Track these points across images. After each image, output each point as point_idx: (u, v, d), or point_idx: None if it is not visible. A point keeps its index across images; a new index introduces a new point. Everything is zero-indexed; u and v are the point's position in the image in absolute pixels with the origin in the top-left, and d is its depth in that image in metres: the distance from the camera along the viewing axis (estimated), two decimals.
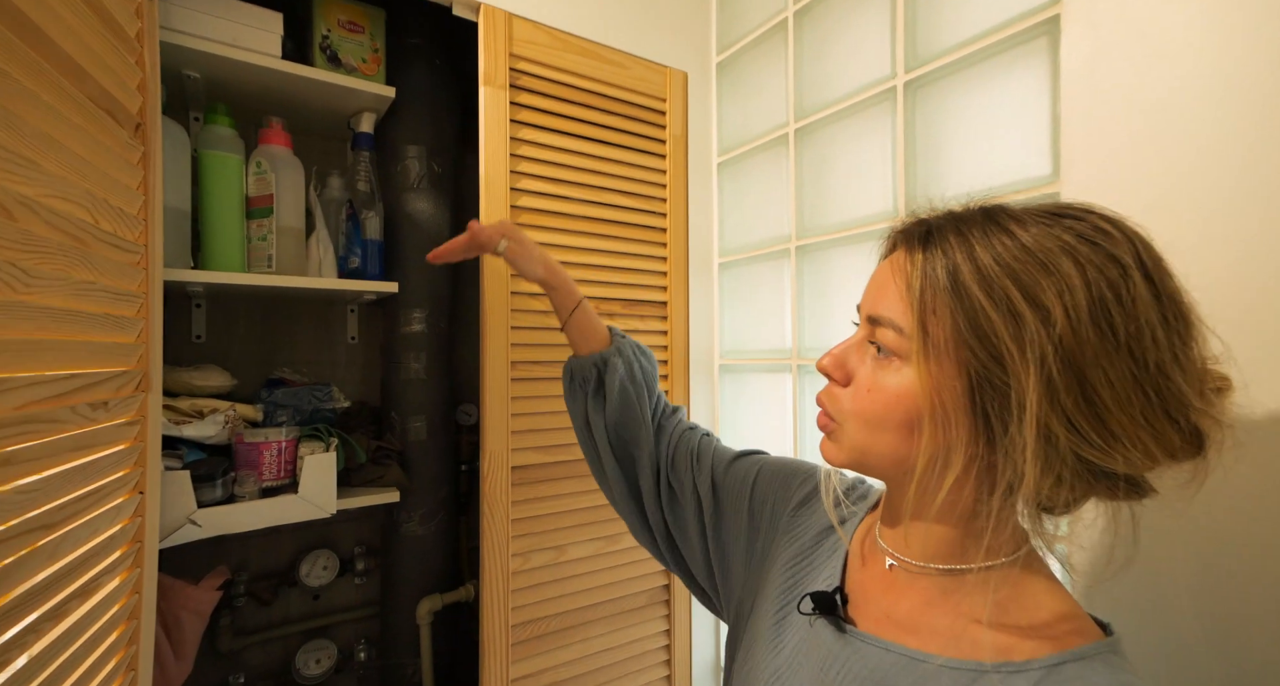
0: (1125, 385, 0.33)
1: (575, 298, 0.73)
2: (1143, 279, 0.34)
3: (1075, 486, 0.36)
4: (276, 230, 0.93)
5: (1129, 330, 0.33)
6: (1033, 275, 0.34)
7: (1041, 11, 0.68)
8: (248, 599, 1.09)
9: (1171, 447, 0.34)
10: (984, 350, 0.35)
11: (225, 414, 0.84)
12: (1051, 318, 0.33)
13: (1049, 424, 0.34)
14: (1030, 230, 0.36)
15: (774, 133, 1.07)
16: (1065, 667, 0.35)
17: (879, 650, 0.42)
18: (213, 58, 0.86)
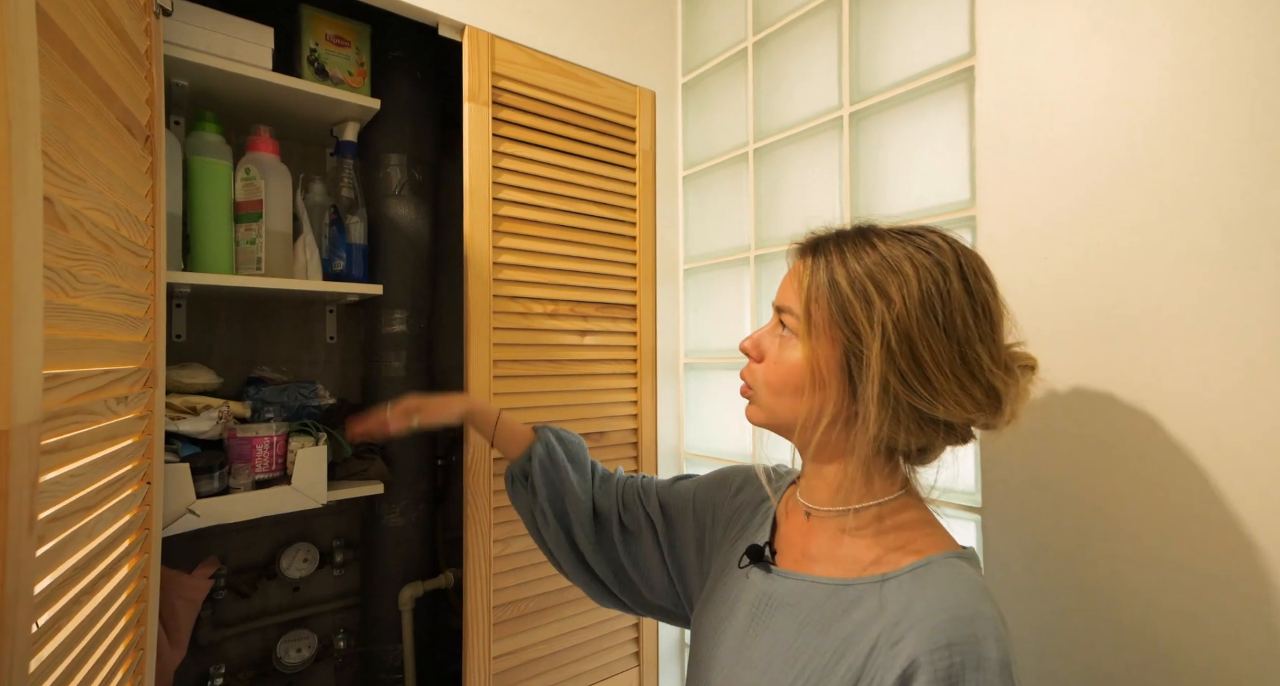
0: (942, 352, 0.46)
1: (492, 415, 0.81)
2: (959, 280, 0.48)
3: (916, 431, 0.49)
4: (265, 234, 0.97)
5: (946, 313, 0.47)
6: (884, 274, 0.48)
7: (960, 62, 0.80)
8: (228, 591, 1.12)
9: (975, 399, 0.47)
10: (848, 327, 0.49)
11: (218, 410, 0.88)
12: (892, 303, 0.47)
13: (887, 377, 0.47)
14: (887, 243, 0.50)
15: (735, 151, 1.17)
16: (920, 569, 0.47)
17: (793, 580, 0.53)
18: (205, 69, 0.90)
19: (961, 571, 0.47)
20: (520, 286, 1.07)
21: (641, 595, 0.75)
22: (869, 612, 0.47)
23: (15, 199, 0.38)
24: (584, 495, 0.76)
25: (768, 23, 1.10)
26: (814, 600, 0.51)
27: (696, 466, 1.29)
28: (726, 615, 0.57)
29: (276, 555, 1.17)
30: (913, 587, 0.46)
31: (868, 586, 0.48)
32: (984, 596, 0.45)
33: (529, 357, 1.08)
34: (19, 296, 0.39)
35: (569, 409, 1.14)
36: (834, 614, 0.49)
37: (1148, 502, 0.63)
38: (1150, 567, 0.63)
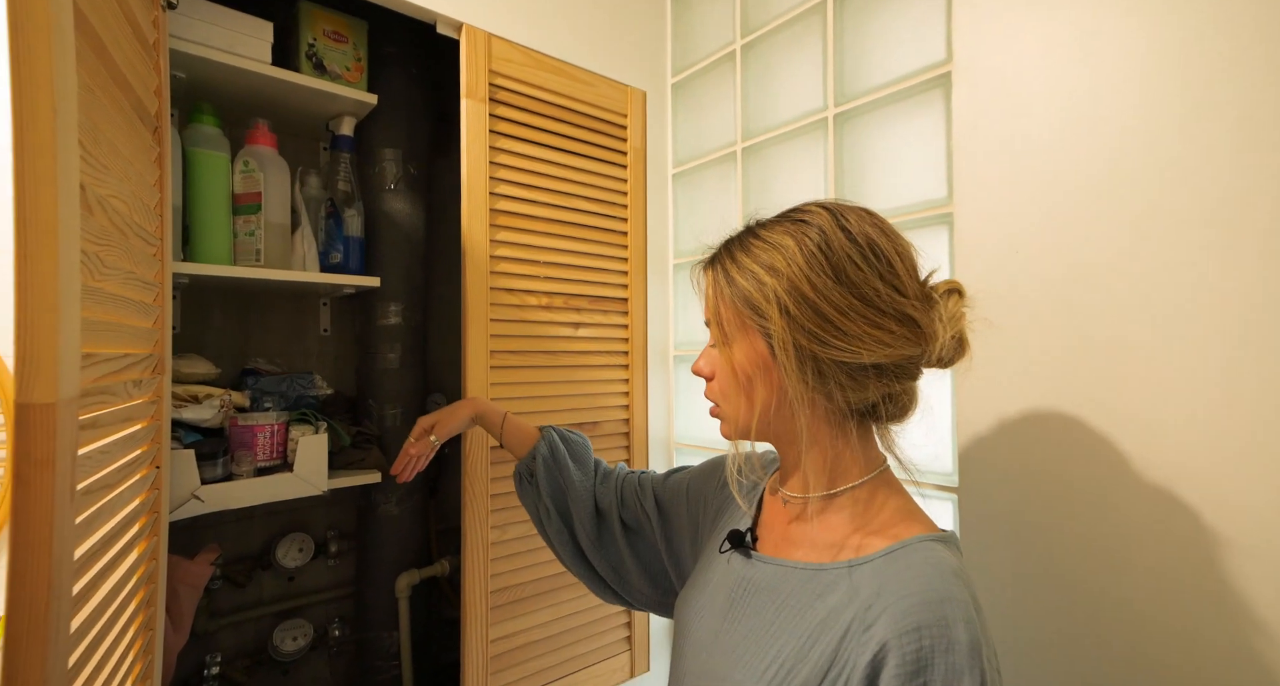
0: (840, 298, 0.48)
1: (499, 416, 0.87)
2: (838, 232, 0.49)
3: (850, 384, 0.49)
4: (265, 226, 0.98)
5: (834, 263, 0.48)
6: (768, 254, 0.50)
7: (937, 68, 0.85)
8: (223, 581, 1.13)
9: (893, 332, 0.48)
10: (752, 312, 0.51)
11: (220, 399, 0.89)
12: (779, 273, 0.49)
13: (796, 340, 0.48)
14: (769, 229, 0.52)
15: (724, 150, 1.21)
16: (894, 553, 0.48)
17: (771, 565, 0.54)
18: (205, 62, 0.91)
19: (935, 554, 0.47)
20: (516, 280, 1.10)
21: (643, 591, 0.76)
22: (842, 597, 0.47)
23: (59, 183, 0.41)
24: (585, 493, 0.79)
25: (756, 26, 1.14)
26: (790, 585, 0.51)
27: (686, 455, 1.32)
28: (707, 601, 0.58)
29: (272, 545, 1.18)
30: (886, 571, 0.46)
31: (841, 571, 0.49)
32: (955, 579, 0.45)
33: (524, 349, 1.11)
34: (63, 277, 0.41)
35: (563, 399, 1.16)
36: (809, 598, 0.49)
37: (1119, 481, 0.69)
38: (1123, 541, 0.68)
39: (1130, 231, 0.68)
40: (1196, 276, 0.63)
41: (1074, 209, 0.72)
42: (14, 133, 0.37)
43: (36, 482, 0.38)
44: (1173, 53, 0.65)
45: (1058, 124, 0.73)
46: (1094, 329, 0.70)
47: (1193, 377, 0.63)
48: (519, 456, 0.84)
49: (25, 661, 0.37)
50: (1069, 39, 0.72)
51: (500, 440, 0.86)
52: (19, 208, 0.37)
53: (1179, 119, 0.65)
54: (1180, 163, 0.64)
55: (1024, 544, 0.75)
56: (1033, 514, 0.75)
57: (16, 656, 0.37)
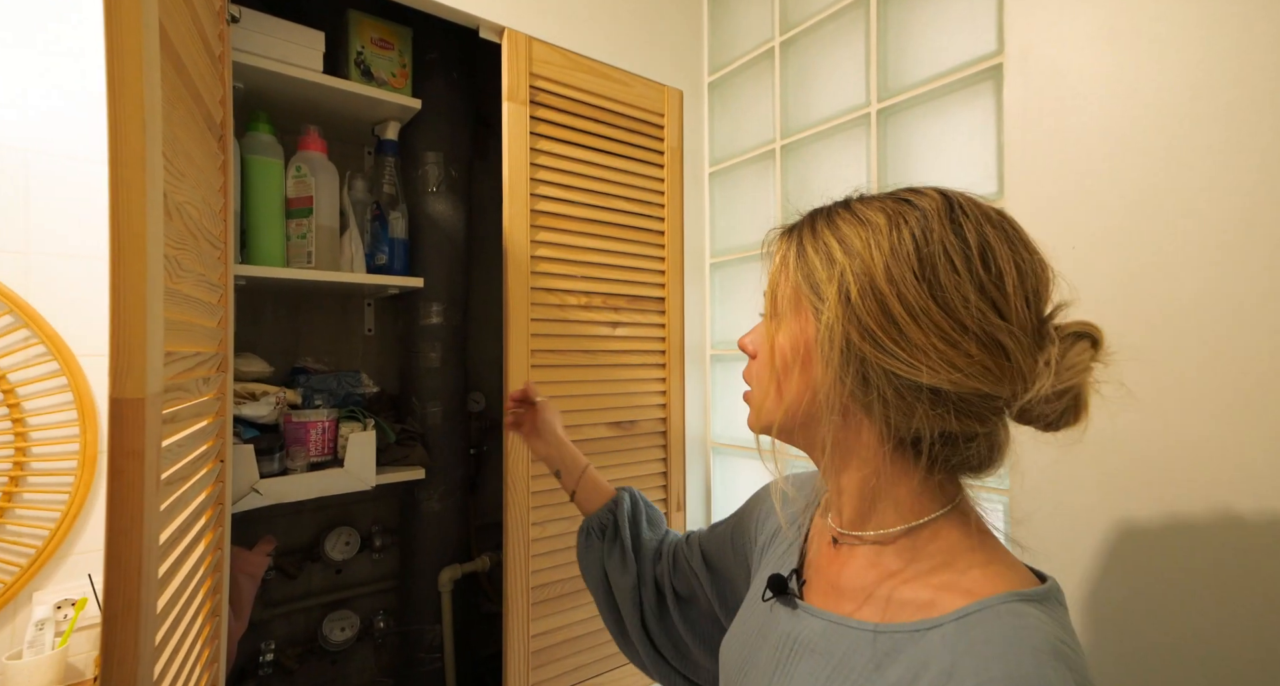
0: (916, 299, 0.38)
1: (580, 463, 0.76)
2: (944, 222, 0.40)
3: (896, 402, 0.39)
4: (316, 229, 1.02)
5: (921, 256, 0.39)
6: (852, 229, 0.41)
7: (988, 59, 0.83)
8: (276, 572, 1.17)
9: (970, 356, 0.38)
10: (811, 290, 0.42)
11: (275, 396, 0.92)
12: (853, 252, 0.40)
13: (847, 333, 0.39)
14: (866, 203, 0.43)
15: (762, 148, 1.21)
16: (970, 618, 0.36)
17: (821, 621, 0.44)
18: (262, 72, 0.94)
19: (1025, 622, 0.35)
20: (556, 279, 1.11)
21: (707, 668, 0.66)
22: (906, 671, 0.37)
23: (148, 192, 0.43)
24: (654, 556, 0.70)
25: (795, 23, 1.14)
26: (843, 648, 0.41)
27: (722, 455, 1.32)
28: (750, 656, 0.49)
29: (320, 538, 1.22)
30: (959, 643, 0.36)
31: (905, 636, 0.38)
32: (1054, 660, 0.33)
33: (564, 348, 1.12)
34: (151, 279, 0.43)
35: (601, 398, 1.18)
36: (866, 669, 0.39)
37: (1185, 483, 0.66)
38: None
39: (1198, 232, 0.65)
40: (1252, 270, 0.61)
41: (1134, 204, 0.69)
42: (110, 146, 0.40)
43: (128, 472, 0.41)
44: (1230, 40, 0.63)
45: (1114, 115, 0.71)
46: (1150, 329, 0.68)
47: (1256, 400, 0.61)
48: (588, 511, 0.75)
49: (121, 636, 0.40)
50: (1124, 27, 0.70)
51: (573, 490, 0.76)
52: (113, 215, 0.40)
53: (1238, 108, 0.62)
54: (1237, 152, 0.62)
55: (1087, 548, 0.73)
56: (1089, 516, 0.72)
57: (114, 631, 0.40)
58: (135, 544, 0.41)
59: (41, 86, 0.86)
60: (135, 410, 0.41)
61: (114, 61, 0.40)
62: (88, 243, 0.88)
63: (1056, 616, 0.37)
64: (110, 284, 0.41)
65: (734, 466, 1.30)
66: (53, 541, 0.84)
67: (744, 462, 1.27)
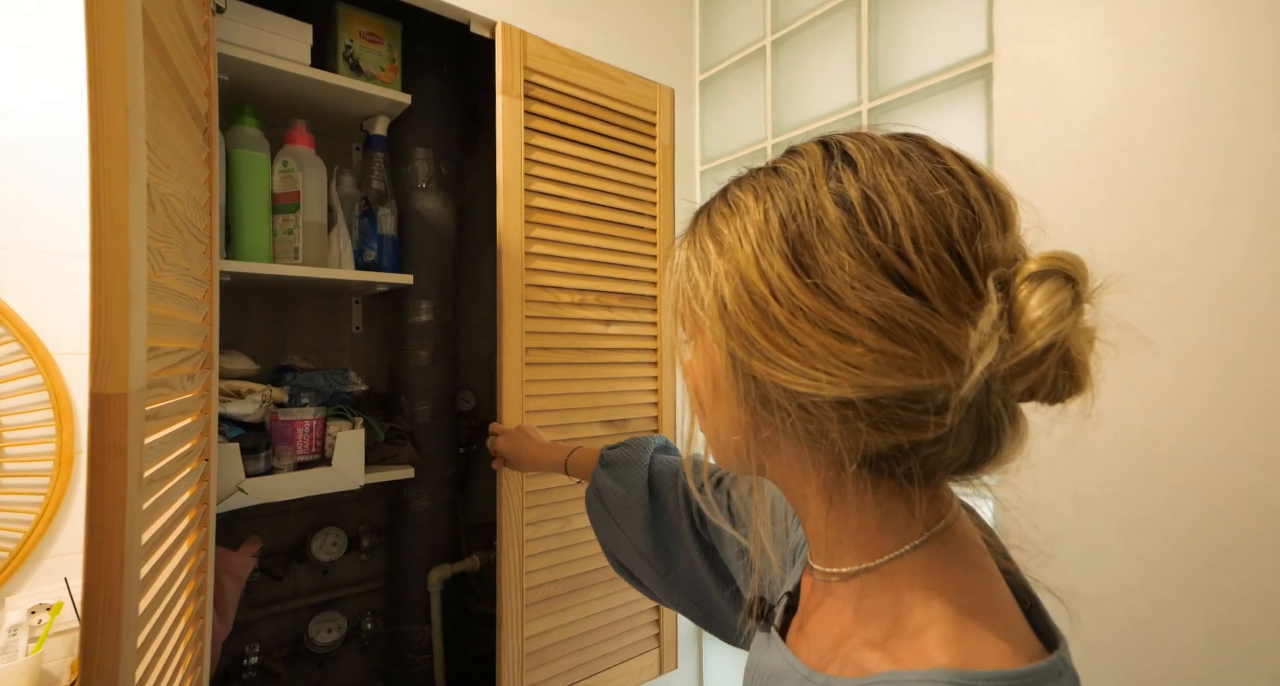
0: (797, 290, 0.30)
1: (565, 450, 0.83)
2: (813, 185, 0.32)
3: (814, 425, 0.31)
4: (303, 224, 1.00)
5: (793, 236, 0.31)
6: (724, 221, 0.34)
7: (978, 60, 0.84)
8: (261, 574, 1.15)
9: (869, 347, 0.29)
10: (699, 305, 0.35)
11: (262, 394, 0.91)
12: (727, 249, 0.33)
13: (730, 348, 0.33)
14: (740, 184, 0.36)
15: (753, 147, 1.21)
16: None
17: (778, 657, 0.39)
18: (248, 64, 0.92)
19: None
20: (549, 276, 1.10)
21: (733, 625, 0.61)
22: None
23: (131, 182, 0.42)
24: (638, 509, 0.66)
25: (786, 22, 1.14)
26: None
27: None
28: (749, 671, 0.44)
29: (307, 538, 1.20)
30: None
31: None
32: None
33: (557, 346, 1.11)
34: (134, 271, 0.42)
35: (594, 396, 1.17)
36: None
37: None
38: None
39: (1177, 235, 0.66)
40: (1247, 270, 0.62)
41: (1121, 204, 0.70)
42: (90, 132, 0.39)
43: (110, 469, 0.39)
44: (1220, 43, 0.63)
45: (1102, 116, 0.72)
46: (1136, 331, 0.69)
47: (1233, 387, 0.62)
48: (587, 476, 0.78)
49: (102, 638, 0.38)
50: (1113, 28, 0.71)
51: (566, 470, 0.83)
52: (95, 204, 0.39)
53: (1228, 110, 0.63)
54: (1224, 152, 0.63)
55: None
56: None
57: (94, 633, 0.39)
58: (116, 543, 0.40)
59: (11, 78, 0.84)
60: (118, 405, 0.40)
61: (95, 46, 0.39)
62: (66, 239, 0.86)
63: None
64: (91, 275, 0.40)
65: None
66: (27, 544, 0.81)
67: None
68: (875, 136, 0.33)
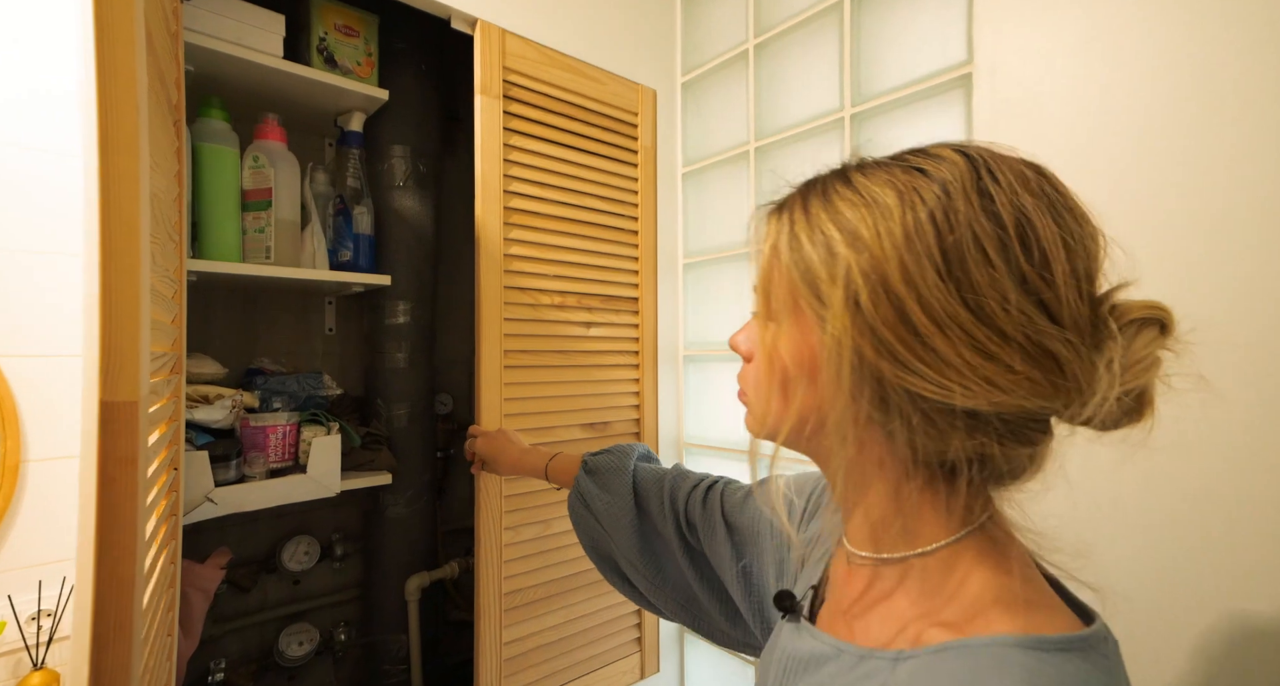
0: (946, 304, 0.31)
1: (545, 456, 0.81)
2: (970, 197, 0.32)
3: (926, 428, 0.33)
4: (275, 223, 0.96)
5: (947, 247, 0.31)
6: (856, 211, 0.34)
7: (958, 69, 0.86)
8: (227, 586, 1.10)
9: (1015, 373, 0.31)
10: (810, 291, 0.35)
11: (231, 399, 0.87)
12: (861, 243, 0.33)
13: (858, 346, 0.33)
14: (869, 174, 0.35)
15: (735, 150, 1.22)
16: (943, 653, 0.32)
17: (814, 641, 0.40)
18: (216, 55, 0.88)
19: (1009, 667, 0.29)
20: (529, 278, 1.09)
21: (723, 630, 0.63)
22: None
23: (141, 181, 0.40)
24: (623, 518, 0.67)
25: (768, 26, 1.15)
26: (830, 670, 0.38)
27: (694, 456, 1.32)
28: (765, 672, 0.45)
29: (277, 548, 1.16)
30: (918, 679, 0.32)
31: (884, 662, 0.35)
32: None
33: (537, 348, 1.10)
34: (143, 276, 0.41)
35: (575, 399, 1.16)
36: None
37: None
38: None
39: (1150, 241, 0.69)
40: (1216, 280, 0.65)
41: (1100, 213, 0.73)
42: (99, 130, 0.37)
43: (122, 480, 0.39)
44: (1191, 55, 0.67)
45: (1078, 126, 0.74)
46: None
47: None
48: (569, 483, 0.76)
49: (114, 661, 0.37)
50: (1090, 41, 0.74)
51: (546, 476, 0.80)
52: (104, 205, 0.37)
53: (1197, 121, 0.66)
54: (1197, 164, 0.66)
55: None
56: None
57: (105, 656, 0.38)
58: (128, 561, 0.38)
59: None
60: (129, 414, 0.39)
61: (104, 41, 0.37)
62: (13, 235, 0.80)
63: (1074, 672, 0.29)
64: (101, 280, 0.39)
65: (707, 467, 1.30)
66: None
67: (717, 463, 1.28)
68: (1006, 156, 0.35)
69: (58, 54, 0.72)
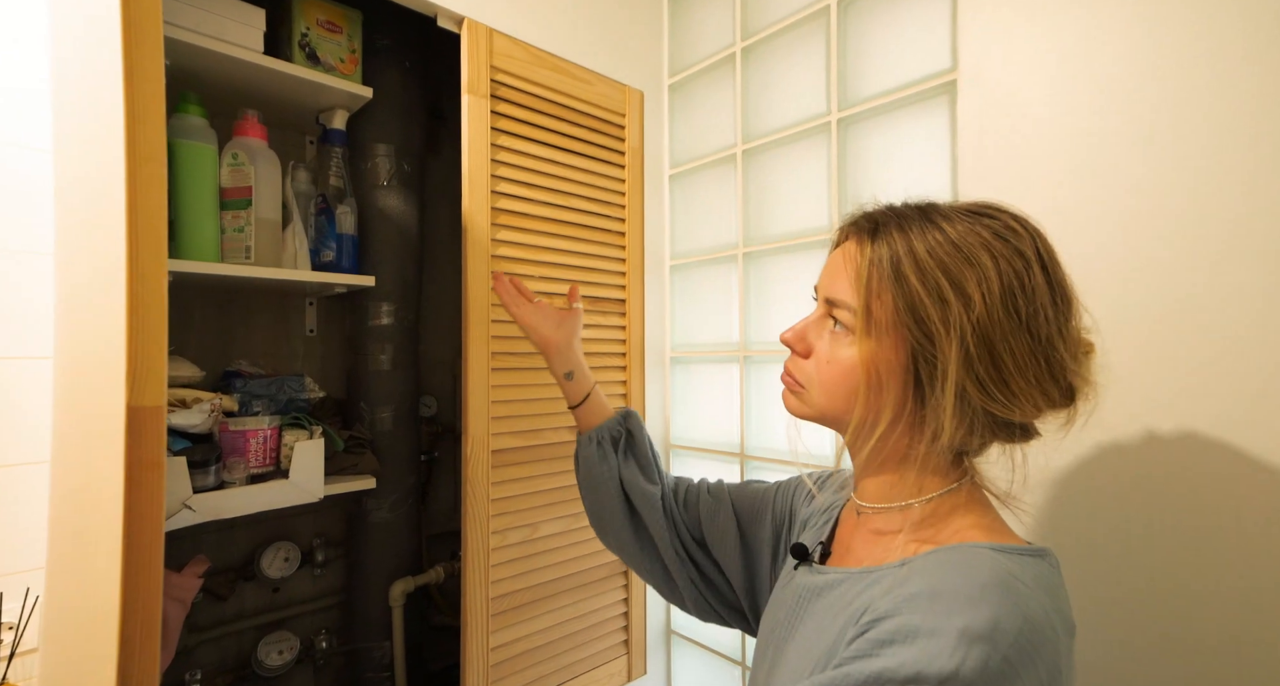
0: (1024, 355, 0.42)
1: (591, 377, 0.81)
2: (1040, 270, 0.44)
3: (983, 434, 0.45)
4: (255, 222, 0.94)
5: (1029, 312, 0.42)
6: (959, 266, 0.43)
7: (943, 75, 0.87)
8: (203, 594, 1.08)
9: (1052, 400, 0.44)
10: (919, 328, 0.44)
11: (210, 403, 0.85)
12: (971, 303, 0.42)
13: (964, 386, 0.43)
14: (956, 226, 0.44)
15: (723, 152, 1.22)
16: (939, 552, 0.43)
17: (830, 574, 0.51)
18: (194, 48, 0.86)
19: (982, 558, 0.41)
20: (517, 278, 1.08)
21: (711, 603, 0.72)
22: (880, 587, 0.44)
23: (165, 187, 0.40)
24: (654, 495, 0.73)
25: (755, 30, 1.15)
26: (840, 589, 0.48)
27: (681, 457, 1.32)
28: (776, 619, 0.55)
29: (256, 555, 1.13)
30: (922, 563, 0.43)
31: (885, 571, 0.46)
32: (997, 584, 0.38)
33: (525, 350, 1.09)
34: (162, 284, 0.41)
35: (562, 401, 1.15)
36: (850, 598, 0.46)
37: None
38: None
39: (1134, 242, 0.71)
40: (1194, 282, 0.66)
41: (1076, 220, 0.74)
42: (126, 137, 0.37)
43: (149, 485, 0.39)
44: (1172, 63, 0.68)
45: (1060, 132, 0.76)
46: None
47: (1188, 388, 0.66)
48: (590, 425, 0.78)
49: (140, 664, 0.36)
50: (1072, 49, 0.75)
51: (580, 401, 0.79)
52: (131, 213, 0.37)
53: (1177, 126, 0.68)
54: (1181, 170, 0.67)
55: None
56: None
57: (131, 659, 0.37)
58: (155, 563, 0.38)
59: None
60: (156, 419, 0.39)
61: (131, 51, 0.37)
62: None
63: (1028, 567, 0.41)
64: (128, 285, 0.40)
65: (694, 468, 1.31)
66: None
67: (704, 464, 1.28)
68: (1043, 233, 0.46)
69: None
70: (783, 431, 1.13)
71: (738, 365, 1.20)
